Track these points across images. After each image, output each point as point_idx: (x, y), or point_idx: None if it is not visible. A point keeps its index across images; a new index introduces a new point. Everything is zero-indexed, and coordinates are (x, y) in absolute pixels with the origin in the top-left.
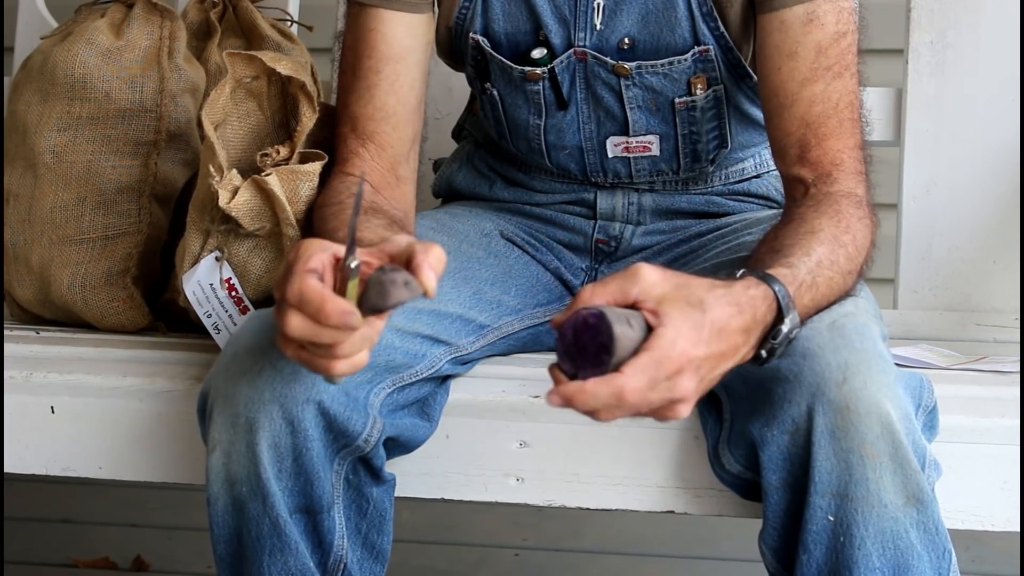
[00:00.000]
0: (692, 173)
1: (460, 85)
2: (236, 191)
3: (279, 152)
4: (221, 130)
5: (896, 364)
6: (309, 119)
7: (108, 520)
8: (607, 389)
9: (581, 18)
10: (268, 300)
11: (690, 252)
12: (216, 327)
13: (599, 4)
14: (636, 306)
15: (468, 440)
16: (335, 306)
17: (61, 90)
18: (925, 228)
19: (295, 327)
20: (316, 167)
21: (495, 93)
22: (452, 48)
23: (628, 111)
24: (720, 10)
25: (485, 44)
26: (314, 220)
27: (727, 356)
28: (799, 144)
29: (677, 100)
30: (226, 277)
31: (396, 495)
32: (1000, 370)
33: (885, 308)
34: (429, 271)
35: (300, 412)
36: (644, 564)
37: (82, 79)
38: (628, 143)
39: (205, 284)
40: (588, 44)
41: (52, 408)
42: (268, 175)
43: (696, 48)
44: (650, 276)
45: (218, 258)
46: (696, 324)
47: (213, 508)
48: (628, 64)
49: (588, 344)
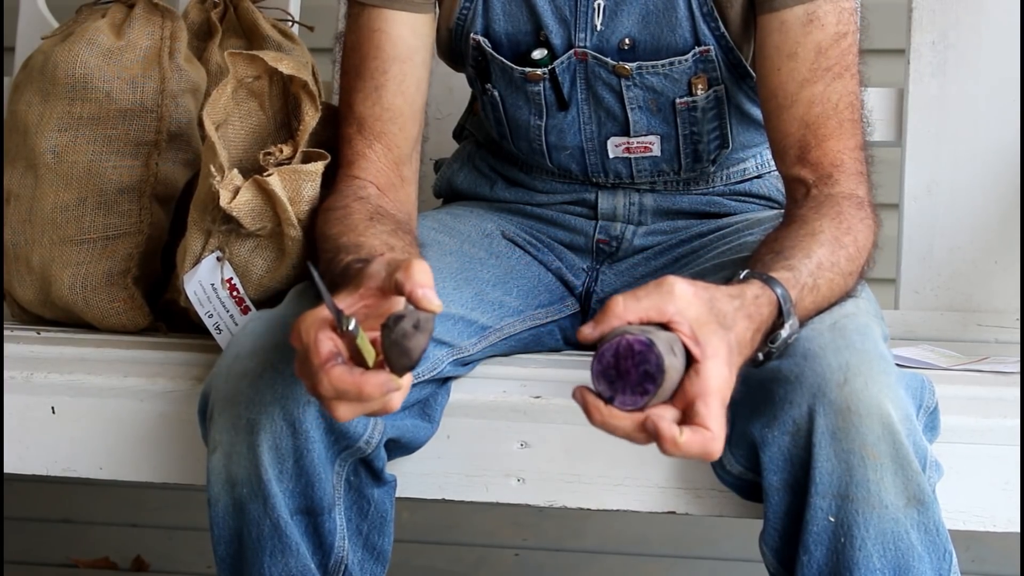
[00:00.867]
0: (693, 173)
1: (461, 85)
2: (237, 191)
3: (282, 151)
4: (222, 130)
5: (897, 365)
6: (312, 118)
7: (108, 520)
8: (698, 444)
9: (581, 18)
10: (269, 300)
11: (691, 252)
12: (217, 327)
13: (599, 4)
14: (670, 326)
15: (469, 441)
16: (374, 385)
17: (62, 90)
18: (926, 228)
19: (345, 414)
20: (319, 167)
21: (496, 94)
22: (453, 49)
23: (629, 111)
24: (720, 10)
25: (486, 45)
26: (318, 223)
27: (740, 366)
28: (799, 145)
29: (678, 100)
30: (227, 277)
31: (397, 495)
32: (1001, 370)
33: (886, 308)
34: (424, 292)
35: (301, 414)
36: (644, 564)
37: (83, 79)
38: (629, 143)
39: (206, 284)
40: (588, 44)
41: (53, 408)
42: (270, 175)
43: (697, 48)
44: (685, 294)
45: (219, 258)
46: (730, 349)
47: (214, 509)
48: (629, 64)
49: (631, 370)
